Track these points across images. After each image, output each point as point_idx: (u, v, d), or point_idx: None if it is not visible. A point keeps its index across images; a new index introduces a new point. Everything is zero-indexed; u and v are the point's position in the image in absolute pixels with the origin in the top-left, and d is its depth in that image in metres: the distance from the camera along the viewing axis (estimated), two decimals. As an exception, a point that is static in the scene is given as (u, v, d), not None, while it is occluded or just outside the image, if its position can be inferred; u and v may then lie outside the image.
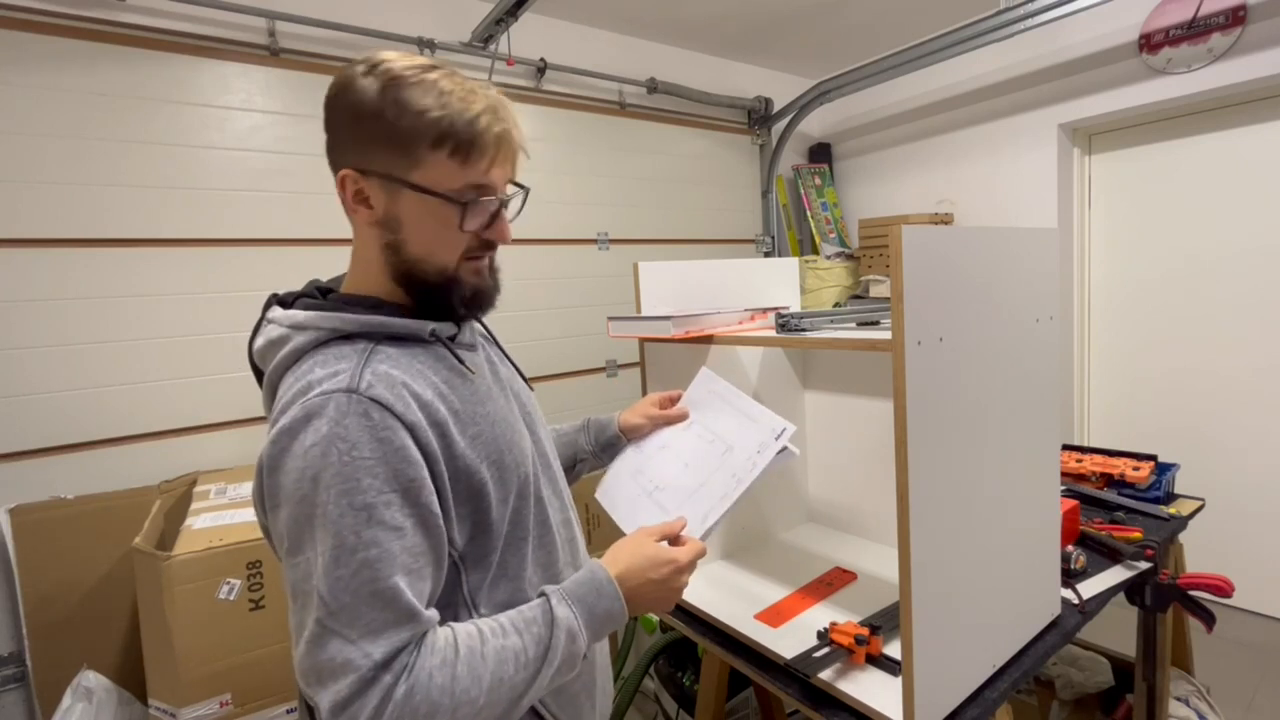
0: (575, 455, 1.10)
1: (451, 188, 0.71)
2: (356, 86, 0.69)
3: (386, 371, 0.67)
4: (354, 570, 0.61)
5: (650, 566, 0.78)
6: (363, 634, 0.60)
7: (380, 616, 0.61)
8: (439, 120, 0.68)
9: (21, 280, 1.83)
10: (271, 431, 0.66)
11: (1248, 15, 2.39)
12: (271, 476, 0.65)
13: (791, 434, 0.92)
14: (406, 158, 0.69)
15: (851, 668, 1.01)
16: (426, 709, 0.60)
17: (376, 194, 0.71)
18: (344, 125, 0.71)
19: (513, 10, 2.28)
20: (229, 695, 1.48)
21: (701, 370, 1.12)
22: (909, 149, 3.54)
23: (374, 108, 0.68)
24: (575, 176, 2.92)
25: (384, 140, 0.69)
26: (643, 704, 2.16)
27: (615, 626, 0.76)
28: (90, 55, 1.91)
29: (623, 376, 3.09)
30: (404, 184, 0.70)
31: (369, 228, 0.73)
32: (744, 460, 0.93)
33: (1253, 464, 2.67)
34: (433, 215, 0.72)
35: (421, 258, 0.73)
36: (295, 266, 2.22)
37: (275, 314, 0.74)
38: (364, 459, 0.62)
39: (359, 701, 0.59)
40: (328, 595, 0.60)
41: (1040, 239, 1.05)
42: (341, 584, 0.61)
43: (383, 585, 0.61)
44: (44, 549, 1.78)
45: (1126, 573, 1.34)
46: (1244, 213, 2.61)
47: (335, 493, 0.61)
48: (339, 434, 0.62)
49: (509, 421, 0.79)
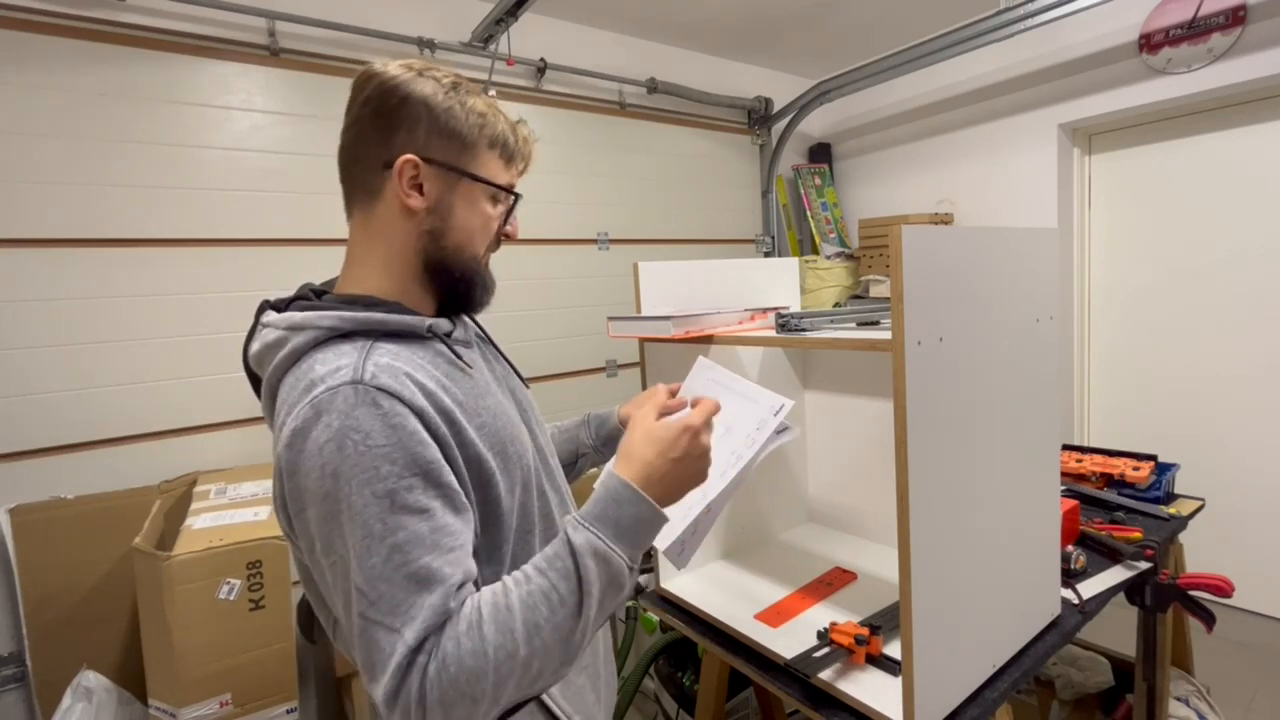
0: (577, 450, 1.09)
1: (501, 184, 0.80)
2: (417, 85, 0.74)
3: (389, 363, 0.68)
4: (385, 557, 0.61)
5: (667, 447, 0.74)
6: (404, 621, 0.60)
7: (417, 600, 0.61)
8: (494, 124, 0.78)
9: (21, 280, 1.84)
10: (283, 434, 0.65)
11: (1248, 15, 2.39)
12: (292, 479, 0.65)
13: (790, 409, 0.92)
14: (469, 152, 0.77)
15: (851, 668, 1.01)
16: (466, 677, 0.60)
17: (432, 182, 0.75)
18: (406, 117, 0.74)
19: (513, 10, 2.28)
20: (229, 695, 1.48)
21: (698, 359, 1.12)
22: (909, 149, 3.54)
23: (445, 105, 0.75)
24: (575, 176, 2.92)
25: (450, 134, 0.75)
26: (643, 704, 2.16)
27: (653, 529, 0.72)
28: (90, 55, 1.91)
29: (623, 376, 3.09)
30: (465, 174, 0.77)
31: (405, 217, 0.76)
32: (743, 438, 0.93)
33: (1253, 464, 2.67)
34: (480, 208, 0.79)
35: (460, 245, 0.79)
36: (295, 266, 2.22)
37: (270, 317, 0.74)
38: (379, 446, 0.63)
39: (403, 690, 0.59)
40: (365, 586, 0.61)
41: (1040, 239, 1.05)
42: (375, 573, 0.61)
43: (415, 568, 0.61)
44: (44, 549, 1.78)
45: (1126, 573, 1.34)
46: (1244, 213, 2.61)
47: (356, 484, 0.62)
48: (351, 426, 0.63)
49: (509, 415, 0.80)
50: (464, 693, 0.60)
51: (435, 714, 0.59)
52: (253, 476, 1.95)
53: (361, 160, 0.76)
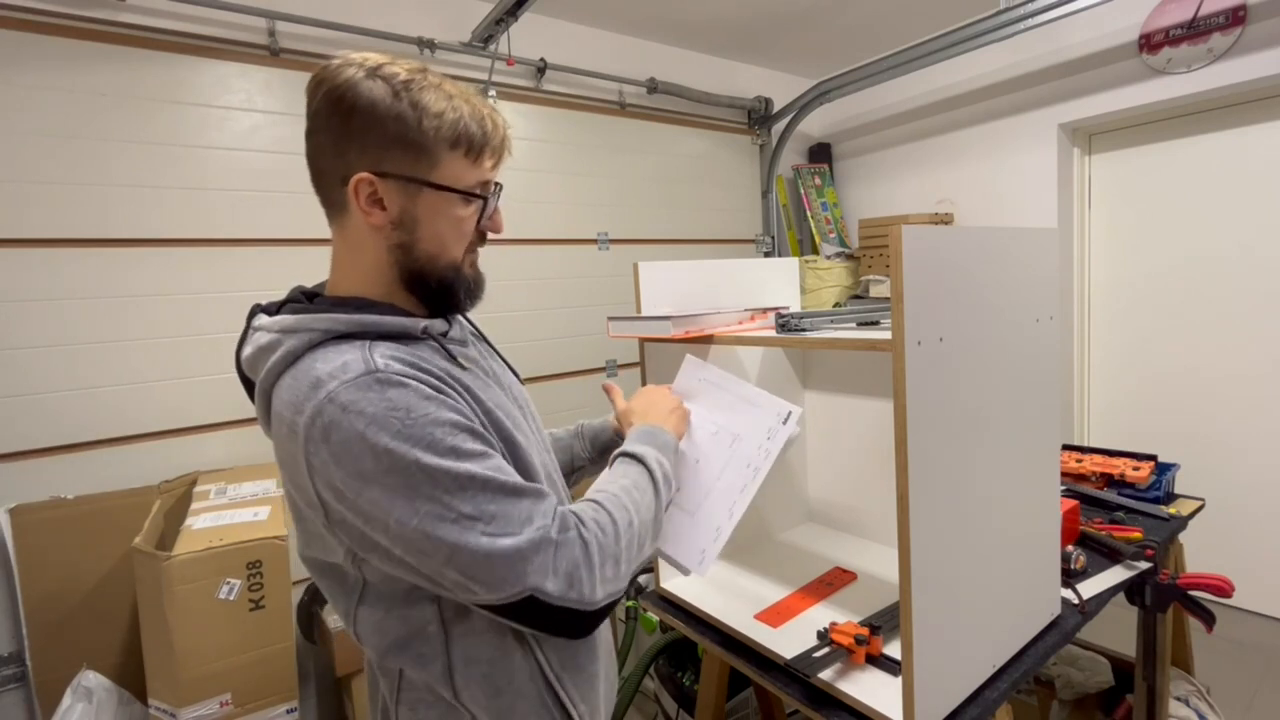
0: (572, 462, 1.08)
1: (466, 185, 0.75)
2: (364, 90, 0.69)
3: (394, 356, 0.69)
4: (479, 488, 0.66)
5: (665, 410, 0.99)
6: (522, 523, 0.67)
7: (525, 505, 0.68)
8: (455, 122, 0.72)
9: (21, 280, 1.84)
10: (307, 437, 0.64)
11: (1248, 15, 2.39)
12: (340, 469, 0.64)
13: (799, 416, 0.93)
14: (426, 159, 0.72)
15: (851, 668, 1.01)
16: (613, 538, 0.72)
17: (392, 196, 0.72)
18: (355, 130, 0.70)
19: (513, 10, 2.28)
20: (229, 695, 1.48)
21: (686, 359, 1.11)
22: (909, 149, 3.54)
23: (393, 111, 0.69)
24: (575, 176, 2.92)
25: (403, 143, 0.70)
26: (643, 704, 2.16)
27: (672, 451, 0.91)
28: (90, 55, 1.91)
29: (623, 376, 3.09)
30: (426, 184, 0.72)
31: (373, 231, 0.74)
32: (755, 449, 0.93)
33: (1253, 464, 2.67)
34: (449, 213, 0.75)
35: (434, 255, 0.76)
36: (295, 266, 2.22)
37: (262, 321, 0.73)
38: (424, 415, 0.65)
39: (566, 560, 0.67)
40: (475, 512, 0.65)
41: (1040, 239, 1.05)
42: (478, 500, 0.65)
43: (509, 486, 0.68)
44: (44, 549, 1.78)
45: (1126, 573, 1.34)
46: (1244, 213, 2.61)
47: (419, 449, 0.64)
48: (387, 406, 0.64)
49: (509, 411, 0.80)
50: (613, 553, 0.71)
51: (597, 574, 0.69)
52: (253, 476, 1.95)
53: (323, 174, 0.74)
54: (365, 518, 0.65)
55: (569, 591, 0.67)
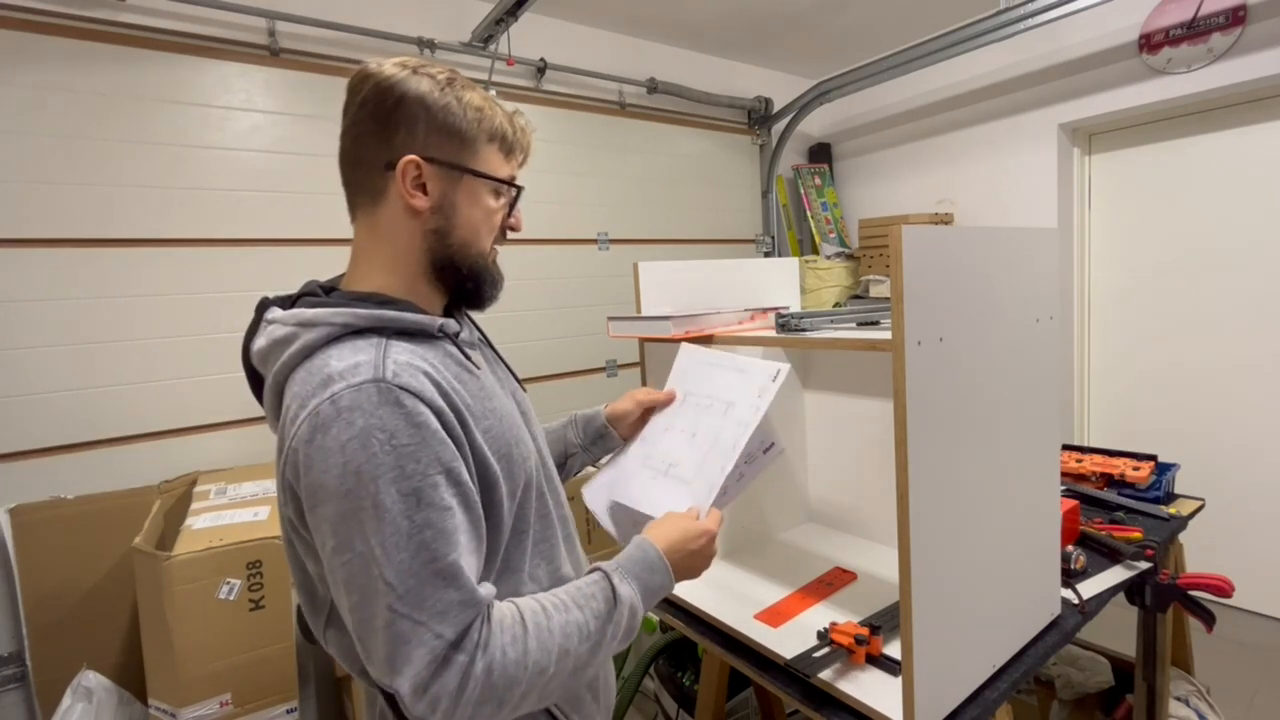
0: (565, 451, 1.10)
1: (502, 177, 0.80)
2: (412, 84, 0.73)
3: (408, 361, 0.68)
4: (414, 553, 0.63)
5: (690, 539, 0.85)
6: (431, 615, 0.62)
7: (445, 596, 0.63)
8: (492, 118, 0.78)
9: (22, 280, 1.83)
10: (297, 427, 0.65)
11: (1248, 15, 2.39)
12: (309, 474, 0.64)
13: (786, 373, 0.95)
14: (469, 148, 0.76)
15: (851, 668, 1.01)
16: (504, 683, 0.64)
17: (435, 181, 0.75)
18: (404, 117, 0.73)
19: (513, 10, 2.28)
20: (229, 695, 1.48)
21: (681, 346, 1.12)
22: (909, 149, 3.54)
23: (442, 102, 0.74)
24: (575, 176, 2.92)
25: (449, 132, 0.75)
26: (643, 704, 2.16)
27: (661, 598, 0.81)
28: (90, 55, 1.91)
29: (622, 376, 3.09)
30: (467, 171, 0.76)
31: (410, 217, 0.75)
32: (747, 407, 0.94)
33: (1253, 464, 2.67)
34: (484, 203, 0.79)
35: (466, 242, 0.79)
36: (295, 266, 2.22)
37: (276, 314, 0.73)
38: (405, 445, 0.64)
39: (438, 682, 0.62)
40: (394, 580, 0.62)
41: (1040, 239, 1.05)
42: (404, 568, 0.62)
43: (443, 564, 0.64)
44: (44, 549, 1.78)
45: (1126, 573, 1.34)
46: (1244, 213, 2.61)
47: (383, 482, 0.62)
48: (376, 425, 0.63)
49: (513, 418, 0.80)
50: (498, 696, 0.64)
51: (465, 710, 0.63)
52: (253, 476, 1.95)
53: (363, 163, 0.76)
54: (314, 528, 0.67)
55: (428, 713, 0.62)
